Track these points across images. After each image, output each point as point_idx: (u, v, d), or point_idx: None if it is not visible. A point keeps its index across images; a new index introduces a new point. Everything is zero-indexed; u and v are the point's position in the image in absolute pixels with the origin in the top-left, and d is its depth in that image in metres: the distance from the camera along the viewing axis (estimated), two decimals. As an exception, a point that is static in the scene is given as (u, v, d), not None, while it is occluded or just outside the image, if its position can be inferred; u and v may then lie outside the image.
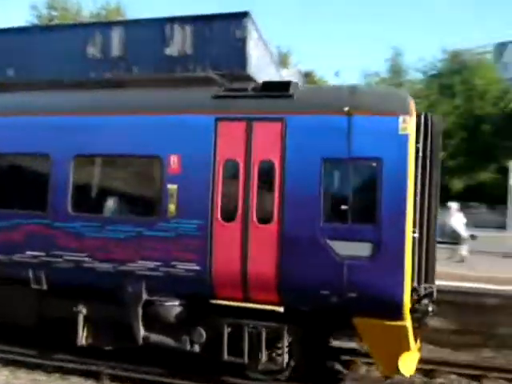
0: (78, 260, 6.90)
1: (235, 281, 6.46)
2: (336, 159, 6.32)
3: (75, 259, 6.91)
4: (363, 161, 6.28)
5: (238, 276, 6.43)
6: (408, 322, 6.03)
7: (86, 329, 7.16)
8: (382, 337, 6.18)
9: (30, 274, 7.11)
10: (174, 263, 6.58)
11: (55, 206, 7.04)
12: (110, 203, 7.20)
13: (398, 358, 6.19)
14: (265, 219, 6.38)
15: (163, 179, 6.72)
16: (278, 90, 6.81)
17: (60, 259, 6.97)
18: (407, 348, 6.20)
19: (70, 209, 6.99)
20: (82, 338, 7.15)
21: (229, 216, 6.46)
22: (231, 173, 6.53)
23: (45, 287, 7.16)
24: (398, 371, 6.30)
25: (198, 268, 6.52)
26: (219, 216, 6.46)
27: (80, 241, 6.89)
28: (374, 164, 6.15)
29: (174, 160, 6.65)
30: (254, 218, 6.38)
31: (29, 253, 7.09)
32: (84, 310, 7.08)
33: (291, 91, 6.69)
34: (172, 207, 6.59)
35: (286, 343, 6.48)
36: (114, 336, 7.11)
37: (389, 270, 5.99)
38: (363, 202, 6.30)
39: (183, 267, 6.55)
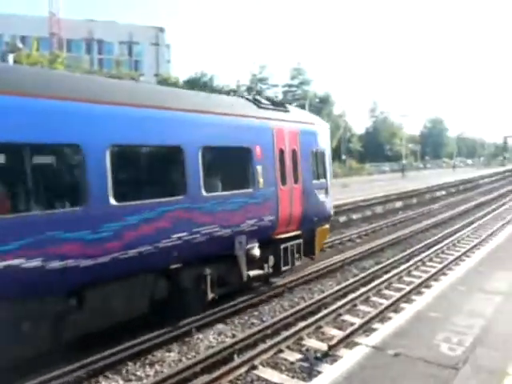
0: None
1: (286, 221, 10.39)
2: (315, 150, 11.70)
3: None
4: (320, 150, 11.94)
5: (288, 218, 10.41)
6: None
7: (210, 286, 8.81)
8: (322, 235, 12.38)
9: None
10: (262, 217, 9.61)
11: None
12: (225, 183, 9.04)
13: (323, 244, 13.11)
14: (296, 182, 10.71)
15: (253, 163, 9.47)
16: (283, 106, 11.52)
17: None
18: (325, 239, 13.40)
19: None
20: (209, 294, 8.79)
21: (283, 182, 10.21)
22: (281, 157, 10.26)
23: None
24: (321, 251, 13.01)
25: (273, 218, 9.94)
26: (280, 183, 10.11)
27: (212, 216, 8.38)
28: (323, 151, 12.12)
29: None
30: (293, 182, 10.58)
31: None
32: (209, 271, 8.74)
33: (288, 108, 11.59)
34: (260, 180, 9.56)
35: (302, 251, 11.32)
36: (224, 283, 9.29)
37: (329, 200, 12.28)
38: (322, 168, 12.04)
39: (267, 218, 9.74)
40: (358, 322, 8.73)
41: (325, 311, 9.25)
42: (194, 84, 53.15)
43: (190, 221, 7.88)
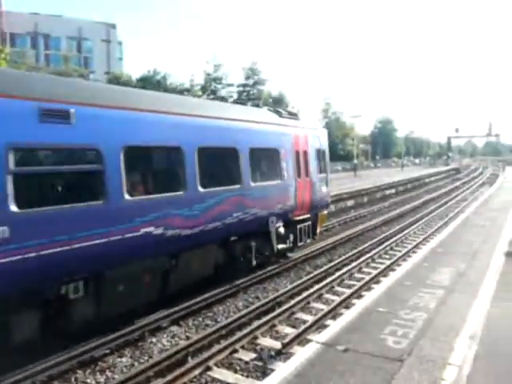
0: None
1: (301, 206, 13.18)
2: (318, 149, 14.54)
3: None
4: (322, 149, 14.87)
5: (302, 203, 13.20)
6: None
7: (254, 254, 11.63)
8: (322, 218, 15.40)
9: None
10: (286, 202, 12.40)
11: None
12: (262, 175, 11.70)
13: (321, 226, 15.84)
14: (307, 176, 13.57)
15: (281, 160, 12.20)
16: (296, 115, 14.64)
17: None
18: (324, 222, 16.76)
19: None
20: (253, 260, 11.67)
21: (298, 175, 13.01)
22: (297, 155, 13.05)
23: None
24: (320, 230, 15.70)
25: (293, 203, 12.75)
26: (297, 176, 12.91)
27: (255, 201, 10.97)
28: (324, 150, 15.14)
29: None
30: (305, 176, 13.43)
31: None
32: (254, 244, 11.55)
33: (299, 117, 14.60)
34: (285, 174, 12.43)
35: (311, 230, 14.13)
36: (260, 253, 12.02)
37: (328, 190, 15.35)
38: (323, 164, 14.97)
39: (289, 203, 12.51)
40: (310, 319, 8.93)
41: (279, 310, 9.38)
42: (147, 82, 52.08)
43: (242, 204, 10.52)
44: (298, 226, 13.30)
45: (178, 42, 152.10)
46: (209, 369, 7.12)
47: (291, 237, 13.01)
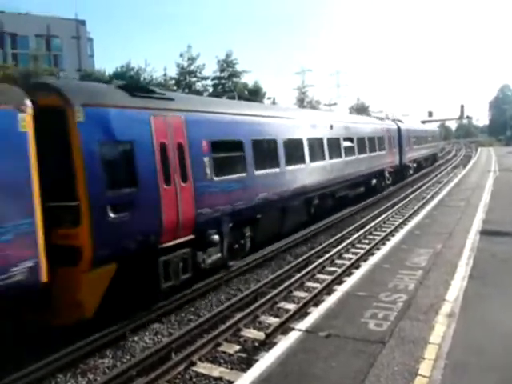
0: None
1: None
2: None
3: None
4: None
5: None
6: None
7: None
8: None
9: None
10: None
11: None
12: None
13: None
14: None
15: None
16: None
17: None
18: None
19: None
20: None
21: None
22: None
23: None
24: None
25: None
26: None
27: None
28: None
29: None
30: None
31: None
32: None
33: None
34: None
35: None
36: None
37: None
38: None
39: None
40: (293, 307, 8.95)
41: (261, 300, 9.37)
42: (121, 78, 51.11)
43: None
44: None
45: (152, 35, 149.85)
46: (193, 364, 7.06)
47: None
